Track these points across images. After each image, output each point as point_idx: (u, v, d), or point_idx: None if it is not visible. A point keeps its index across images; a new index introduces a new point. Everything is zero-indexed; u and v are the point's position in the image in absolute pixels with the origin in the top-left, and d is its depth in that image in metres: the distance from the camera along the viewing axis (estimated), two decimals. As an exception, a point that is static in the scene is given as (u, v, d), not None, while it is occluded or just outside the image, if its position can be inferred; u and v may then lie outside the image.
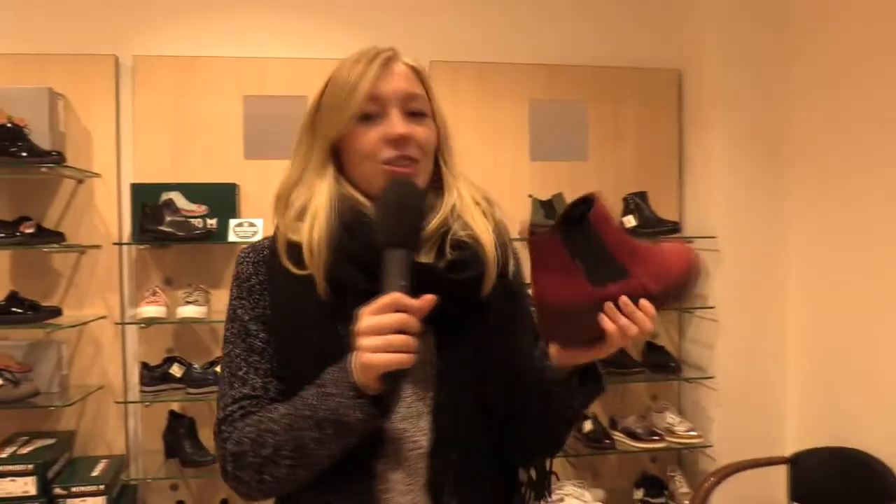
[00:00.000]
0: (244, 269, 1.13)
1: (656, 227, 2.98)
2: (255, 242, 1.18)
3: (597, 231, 0.98)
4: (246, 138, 2.95)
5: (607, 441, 2.89)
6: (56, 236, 2.72)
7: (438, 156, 1.16)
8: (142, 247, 2.85)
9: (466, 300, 1.08)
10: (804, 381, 2.94)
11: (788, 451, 2.79)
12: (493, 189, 3.27)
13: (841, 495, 2.56)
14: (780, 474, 2.75)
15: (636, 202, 3.02)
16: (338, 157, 1.12)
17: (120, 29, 2.90)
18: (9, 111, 2.64)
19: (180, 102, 2.91)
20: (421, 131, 1.10)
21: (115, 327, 2.87)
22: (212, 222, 2.81)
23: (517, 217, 2.98)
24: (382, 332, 0.93)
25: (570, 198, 2.94)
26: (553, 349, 1.05)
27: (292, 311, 1.08)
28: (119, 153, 2.90)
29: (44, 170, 2.60)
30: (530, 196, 2.97)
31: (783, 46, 2.97)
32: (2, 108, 2.64)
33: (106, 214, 2.88)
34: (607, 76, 3.19)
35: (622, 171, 3.19)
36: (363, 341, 0.94)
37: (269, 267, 1.12)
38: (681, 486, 3.01)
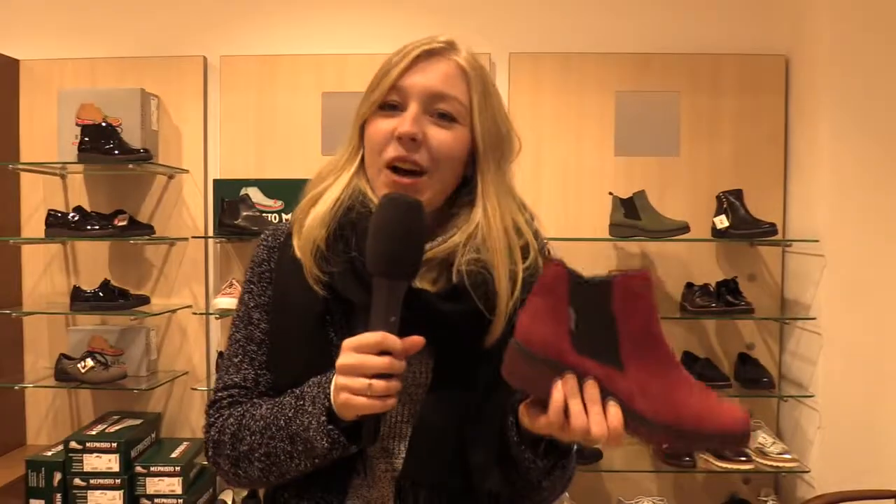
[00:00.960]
0: (259, 252, 1.11)
1: (751, 229, 2.72)
2: (278, 225, 1.13)
3: (617, 305, 0.82)
4: (324, 134, 2.99)
5: (687, 459, 2.68)
6: (147, 229, 2.88)
7: (476, 168, 1.05)
8: (223, 240, 2.96)
9: (466, 330, 0.99)
10: (922, 407, 2.59)
11: (899, 485, 2.46)
12: (574, 186, 3.16)
13: (956, 540, 2.22)
14: (888, 510, 2.44)
15: (730, 200, 2.77)
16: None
17: (208, 31, 3.02)
18: (105, 111, 2.83)
19: (263, 100, 3.00)
20: (439, 136, 1.00)
21: (200, 316, 3.00)
22: (286, 217, 2.86)
23: (597, 216, 2.83)
24: (364, 373, 0.88)
25: (655, 195, 2.77)
26: (521, 407, 0.91)
27: (289, 308, 1.05)
28: (206, 150, 3.03)
29: (131, 166, 2.75)
30: (611, 193, 2.80)
31: (907, 26, 2.62)
32: (98, 109, 2.83)
33: (193, 209, 3.02)
34: (703, 64, 2.95)
35: (718, 168, 2.94)
36: (343, 380, 0.89)
37: (280, 254, 1.08)
38: (773, 514, 2.74)
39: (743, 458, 2.67)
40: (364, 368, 0.88)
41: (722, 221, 2.77)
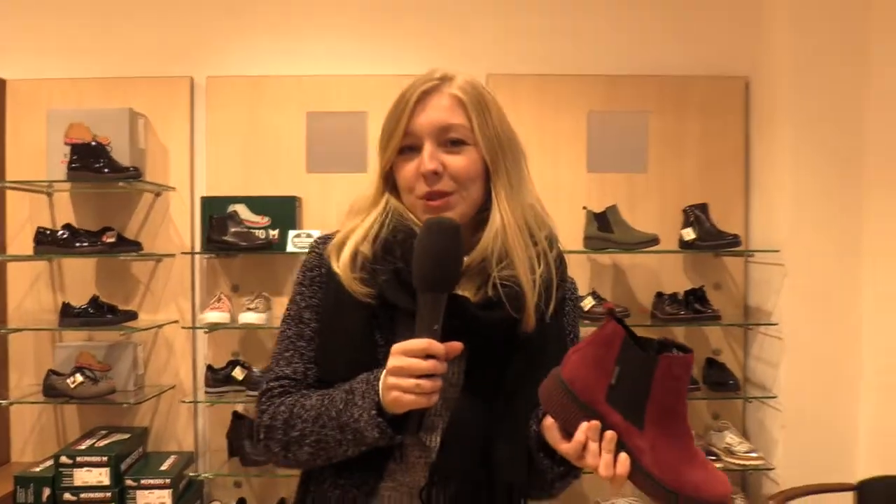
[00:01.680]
0: (311, 258, 1.23)
1: (716, 240, 2.89)
2: (329, 234, 1.24)
3: (657, 378, 0.93)
4: (308, 153, 3.09)
5: (661, 459, 2.82)
6: (134, 245, 2.93)
7: (490, 179, 1.16)
8: (211, 256, 3.03)
9: (499, 337, 1.11)
10: (876, 404, 2.77)
11: (857, 478, 2.63)
12: (550, 200, 3.28)
13: (910, 528, 2.40)
14: (847, 501, 2.60)
15: (696, 214, 2.94)
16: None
17: (195, 52, 3.10)
18: (94, 130, 2.89)
19: (248, 119, 3.08)
20: (455, 161, 1.12)
21: (187, 331, 3.06)
22: (273, 233, 2.95)
23: (572, 229, 2.97)
24: (412, 374, 1.00)
25: (626, 209, 2.92)
26: (546, 422, 1.04)
27: (338, 310, 1.16)
28: (193, 168, 3.10)
29: (121, 184, 2.82)
30: (584, 208, 2.95)
31: (858, 53, 2.82)
32: (87, 128, 2.88)
33: (180, 225, 3.08)
34: (669, 85, 3.13)
35: (684, 183, 3.12)
36: (394, 381, 1.01)
37: (331, 262, 1.19)
38: (741, 510, 2.89)
39: (712, 458, 2.82)
40: (412, 370, 1.00)
41: (689, 234, 2.93)
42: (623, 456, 0.94)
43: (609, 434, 0.94)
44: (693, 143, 3.13)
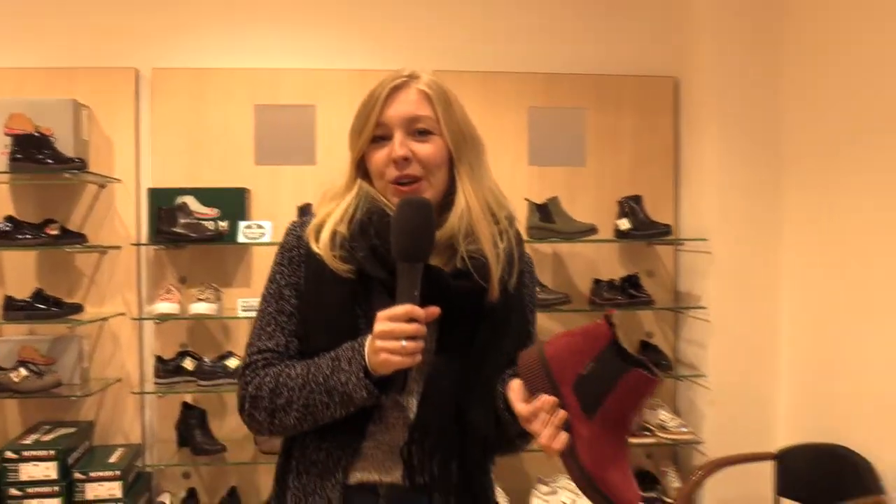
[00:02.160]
0: (290, 239, 1.31)
1: (649, 230, 3.08)
2: (306, 219, 1.33)
3: (623, 384, 1.05)
4: (256, 145, 3.12)
5: (600, 436, 2.98)
6: (79, 238, 2.91)
7: (454, 166, 1.27)
8: (158, 247, 3.03)
9: (468, 305, 1.23)
10: (794, 380, 3.01)
11: (777, 447, 2.86)
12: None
13: (824, 490, 2.62)
14: (768, 470, 2.83)
15: (630, 205, 3.12)
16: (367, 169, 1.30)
17: (140, 43, 3.09)
18: (36, 121, 2.84)
19: (196, 112, 3.09)
20: (423, 149, 1.23)
21: (133, 323, 3.05)
22: (223, 224, 2.97)
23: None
24: (398, 337, 1.10)
25: (565, 200, 3.07)
26: (513, 383, 1.17)
27: (320, 286, 1.25)
28: (138, 160, 3.09)
29: (67, 176, 2.79)
30: (527, 200, 3.09)
31: (776, 53, 3.05)
32: (30, 119, 2.84)
33: (125, 217, 3.07)
34: (606, 84, 3.30)
35: (619, 176, 3.30)
36: (381, 343, 1.12)
37: (310, 244, 1.28)
38: (673, 482, 3.09)
39: (647, 434, 3.01)
40: (397, 333, 1.11)
41: (624, 224, 3.11)
42: (564, 434, 1.07)
43: (561, 413, 1.08)
44: (627, 138, 3.31)
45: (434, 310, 1.14)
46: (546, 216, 3.05)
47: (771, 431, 3.07)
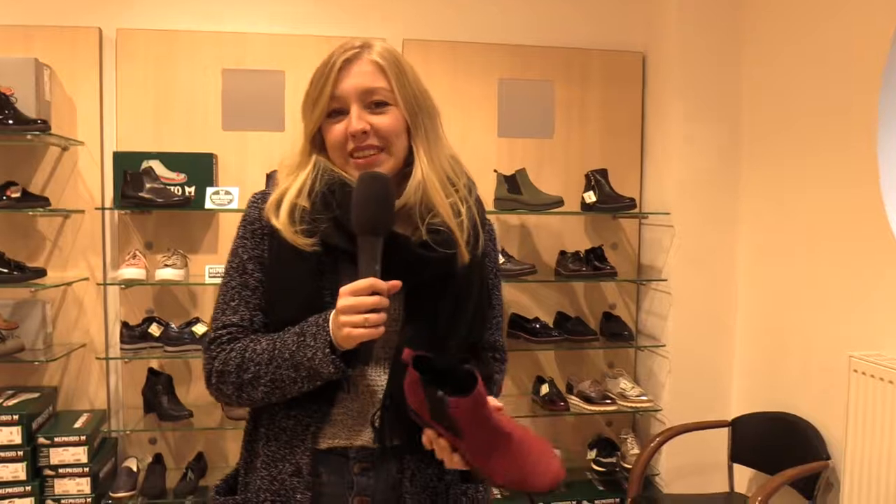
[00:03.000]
0: (252, 212, 1.31)
1: (614, 203, 3.13)
2: (267, 190, 1.32)
3: (450, 411, 1.10)
4: (224, 110, 3.08)
5: (562, 404, 3.07)
6: (41, 201, 2.85)
7: (411, 135, 1.27)
8: (123, 212, 2.99)
9: (435, 274, 1.24)
10: (748, 351, 3.12)
11: (732, 415, 2.97)
12: (462, 163, 3.39)
13: (775, 455, 2.74)
14: (723, 436, 2.94)
15: (597, 178, 3.16)
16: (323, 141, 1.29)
17: (104, 2, 3.01)
18: (-4, 80, 2.77)
19: (162, 74, 3.04)
20: (381, 121, 1.24)
21: (97, 288, 3.02)
22: (190, 190, 2.95)
23: (483, 191, 3.11)
24: (360, 311, 1.12)
25: (533, 172, 3.10)
26: None
27: (284, 260, 1.25)
28: (102, 122, 3.03)
29: (29, 137, 2.73)
30: (495, 171, 3.11)
31: (738, 30, 3.11)
32: (-11, 77, 2.76)
33: (89, 181, 3.02)
34: (574, 57, 3.32)
35: (587, 149, 3.34)
36: (345, 318, 1.13)
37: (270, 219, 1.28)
38: (632, 448, 3.19)
39: (608, 402, 3.10)
40: (361, 307, 1.13)
41: (590, 197, 3.16)
42: (456, 456, 1.15)
43: (441, 442, 1.16)
44: (595, 112, 3.35)
45: (396, 283, 1.16)
46: (514, 187, 3.08)
47: (726, 400, 3.19)
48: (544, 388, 3.12)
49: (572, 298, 3.37)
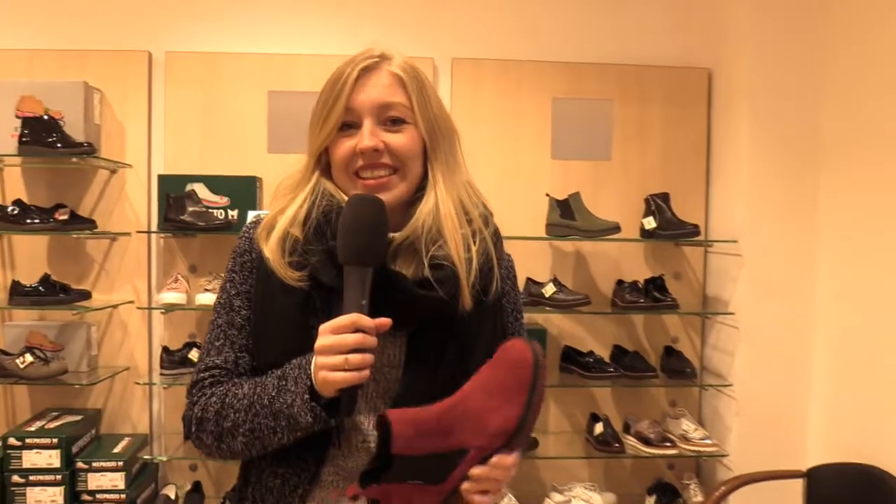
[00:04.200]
0: (242, 243, 1.20)
1: (676, 230, 2.91)
2: (260, 219, 1.21)
3: (406, 455, 0.99)
4: (269, 132, 3.04)
5: (617, 445, 2.85)
6: (88, 223, 2.86)
7: (427, 158, 1.16)
8: (168, 235, 2.97)
9: (436, 317, 1.10)
10: (827, 393, 2.83)
11: (808, 465, 2.69)
12: (512, 187, 3.30)
13: (855, 513, 2.45)
14: (797, 488, 2.66)
15: (657, 203, 2.95)
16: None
17: (154, 26, 3.02)
18: (47, 104, 2.80)
19: (208, 97, 3.02)
20: (396, 139, 1.12)
21: (142, 311, 3.00)
22: (233, 213, 2.90)
23: (534, 216, 2.97)
24: (341, 350, 0.98)
25: (589, 197, 2.92)
26: None
27: (270, 295, 1.13)
28: (150, 145, 3.03)
29: (75, 160, 2.74)
30: (547, 195, 2.95)
31: (816, 45, 2.86)
32: (40, 101, 2.80)
33: (136, 203, 3.02)
34: (634, 74, 3.13)
35: (647, 172, 3.14)
36: (322, 359, 1.00)
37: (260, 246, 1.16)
38: (695, 495, 2.94)
39: (668, 444, 2.86)
40: (340, 346, 0.99)
41: (650, 223, 2.95)
42: (496, 461, 1.00)
43: (477, 473, 1.00)
44: (656, 132, 3.15)
45: (385, 321, 1.01)
46: (567, 213, 2.90)
47: (801, 447, 2.90)
48: (598, 428, 2.91)
49: (630, 331, 3.15)
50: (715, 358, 3.10)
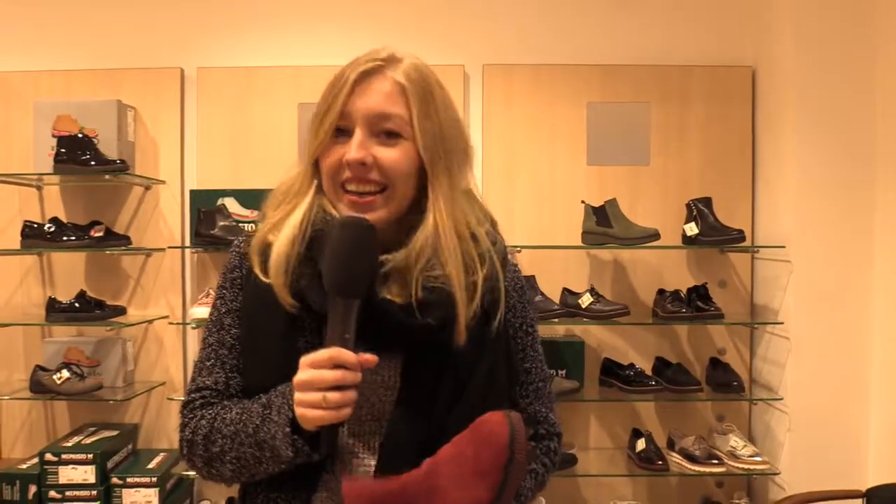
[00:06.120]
0: (232, 259, 1.15)
1: (720, 236, 2.77)
2: (250, 233, 1.15)
3: None
4: (300, 144, 3.02)
5: (660, 462, 2.71)
6: (123, 240, 2.88)
7: (427, 178, 1.08)
8: (200, 250, 2.97)
9: (430, 347, 1.03)
10: (888, 407, 2.64)
11: (866, 485, 2.51)
12: (547, 195, 3.21)
13: (920, 538, 2.28)
14: (855, 510, 2.49)
15: (699, 208, 2.82)
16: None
17: (185, 43, 3.04)
18: (82, 123, 2.84)
19: (240, 111, 3.02)
20: (387, 154, 1.04)
21: (177, 326, 3.01)
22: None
23: (570, 224, 2.88)
24: (319, 387, 0.93)
25: (627, 203, 2.82)
26: None
27: (257, 314, 1.08)
28: (183, 160, 3.05)
29: (107, 177, 2.77)
30: (583, 202, 2.85)
31: (866, 40, 2.70)
32: (75, 120, 2.84)
33: (170, 219, 3.03)
34: (672, 75, 3.01)
35: (687, 176, 3.01)
36: (299, 396, 0.94)
37: (251, 263, 1.11)
38: (745, 516, 2.78)
39: (715, 462, 2.71)
40: (318, 383, 0.93)
41: (692, 229, 2.82)
42: None
43: None
44: (696, 134, 3.02)
45: (370, 358, 0.95)
46: (603, 220, 2.80)
47: (859, 465, 2.72)
48: (640, 444, 2.79)
49: (674, 342, 3.01)
50: (765, 370, 2.94)
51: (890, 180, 2.64)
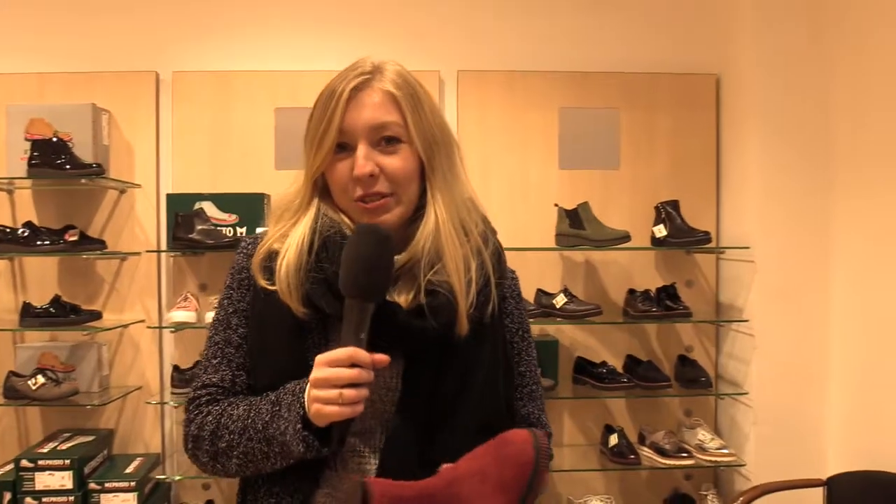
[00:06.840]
0: (239, 259, 1.18)
1: (687, 237, 2.88)
2: (258, 234, 1.19)
3: None
4: (277, 149, 3.04)
5: (632, 457, 2.81)
6: (98, 244, 2.87)
7: (426, 177, 1.13)
8: (177, 254, 2.97)
9: (432, 344, 1.08)
10: (845, 400, 2.78)
11: (827, 473, 2.64)
12: (520, 198, 3.27)
13: (878, 523, 2.40)
14: (817, 497, 2.61)
15: (667, 211, 2.93)
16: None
17: (160, 47, 3.04)
18: (56, 126, 2.82)
19: (216, 115, 3.03)
20: (391, 162, 1.09)
21: (153, 330, 3.00)
22: (241, 231, 2.90)
23: (543, 226, 2.95)
24: (336, 384, 0.97)
25: (598, 206, 2.90)
26: None
27: (265, 315, 1.12)
28: (158, 164, 3.04)
29: (83, 181, 2.75)
30: (556, 205, 2.93)
31: (824, 49, 2.83)
32: (49, 124, 2.82)
33: (146, 223, 3.02)
34: (640, 82, 3.12)
35: (656, 180, 3.11)
36: (316, 392, 0.99)
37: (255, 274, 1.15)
38: (713, 506, 2.89)
39: (684, 455, 2.82)
40: (335, 380, 0.97)
41: (660, 231, 2.92)
42: None
43: None
44: (664, 140, 3.13)
45: (383, 357, 1.00)
46: (576, 222, 2.89)
47: (820, 456, 2.85)
48: (613, 439, 2.88)
49: (644, 341, 3.12)
50: (730, 366, 3.06)
51: (847, 184, 2.77)
